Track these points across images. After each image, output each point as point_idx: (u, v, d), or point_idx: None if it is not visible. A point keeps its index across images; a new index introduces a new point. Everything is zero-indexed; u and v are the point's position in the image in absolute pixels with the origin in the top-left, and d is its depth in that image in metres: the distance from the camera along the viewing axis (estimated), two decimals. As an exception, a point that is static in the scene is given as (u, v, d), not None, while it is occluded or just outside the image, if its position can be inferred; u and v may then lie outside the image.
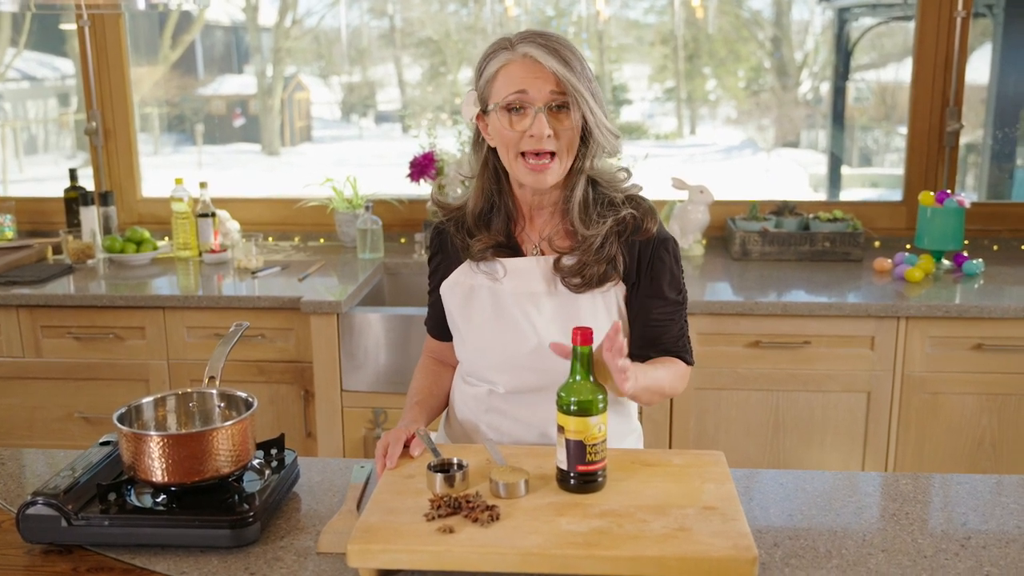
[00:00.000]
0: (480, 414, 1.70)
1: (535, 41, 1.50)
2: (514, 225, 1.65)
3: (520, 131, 1.51)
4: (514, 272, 1.61)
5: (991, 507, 1.48)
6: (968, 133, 3.44)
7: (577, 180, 1.57)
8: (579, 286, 1.58)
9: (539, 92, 1.50)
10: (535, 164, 1.52)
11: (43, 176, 5.23)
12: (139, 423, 1.48)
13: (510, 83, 1.51)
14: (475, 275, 1.64)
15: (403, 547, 1.26)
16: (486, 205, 1.64)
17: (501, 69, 1.52)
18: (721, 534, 1.28)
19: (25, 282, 2.95)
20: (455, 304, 1.66)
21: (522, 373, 1.62)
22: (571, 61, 1.50)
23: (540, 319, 1.59)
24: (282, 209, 3.54)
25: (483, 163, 1.62)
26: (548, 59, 1.48)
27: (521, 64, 1.50)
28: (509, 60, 1.52)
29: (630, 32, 5.13)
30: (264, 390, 2.85)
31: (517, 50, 1.51)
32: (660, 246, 1.62)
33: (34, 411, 2.97)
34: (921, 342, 2.67)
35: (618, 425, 1.71)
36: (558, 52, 1.49)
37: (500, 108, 1.52)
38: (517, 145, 1.52)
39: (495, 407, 1.68)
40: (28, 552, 1.36)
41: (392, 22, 5.07)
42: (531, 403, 1.64)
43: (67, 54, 4.82)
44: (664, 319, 1.63)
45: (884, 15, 4.64)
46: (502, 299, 1.61)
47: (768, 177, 5.68)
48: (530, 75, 1.50)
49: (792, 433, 2.76)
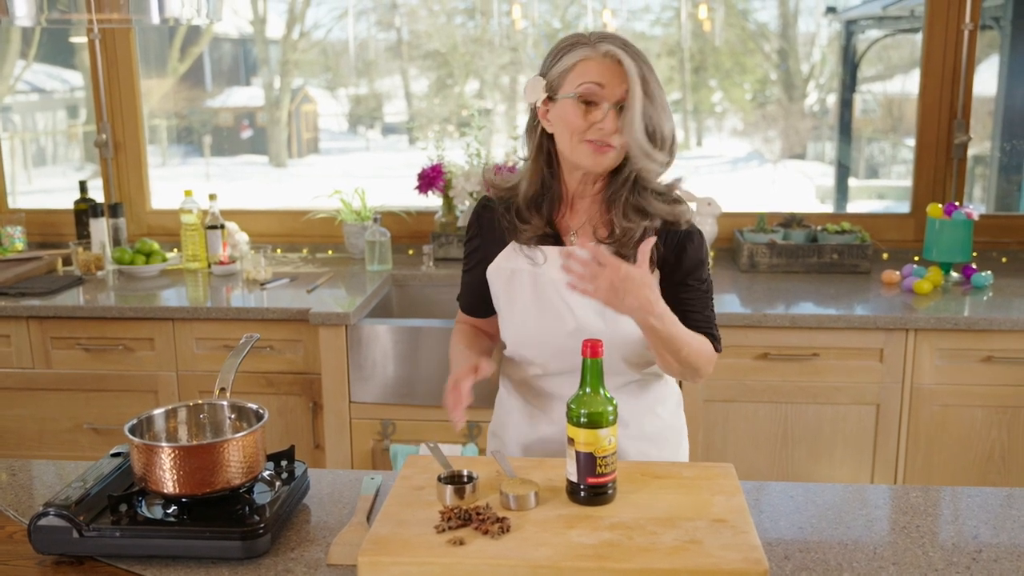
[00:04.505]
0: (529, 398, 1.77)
1: (615, 43, 1.60)
2: (556, 212, 1.72)
3: (590, 122, 1.59)
4: (554, 259, 1.68)
5: (1002, 520, 1.48)
6: (976, 145, 3.44)
7: (627, 176, 1.64)
8: None
9: (614, 90, 1.58)
10: (598, 146, 1.60)
11: (52, 188, 5.26)
12: (150, 434, 1.49)
13: (588, 76, 1.59)
14: (517, 259, 1.71)
15: (413, 559, 1.26)
16: (539, 189, 1.70)
17: (580, 62, 1.60)
18: (732, 547, 1.28)
19: (35, 293, 2.96)
20: (500, 287, 1.73)
21: (563, 355, 1.68)
22: (643, 66, 1.60)
23: (578, 303, 1.66)
24: (291, 221, 3.55)
25: (538, 147, 1.69)
26: (628, 61, 1.58)
27: (600, 62, 1.59)
28: (589, 56, 1.60)
29: (636, 44, 5.14)
30: (272, 402, 2.85)
31: (598, 48, 1.60)
32: (686, 237, 1.68)
33: (43, 422, 2.97)
34: (930, 354, 2.67)
35: (659, 390, 1.78)
36: (637, 56, 1.60)
37: (576, 98, 1.60)
38: (584, 133, 1.60)
39: (542, 390, 1.75)
40: (40, 563, 1.36)
41: (399, 34, 5.09)
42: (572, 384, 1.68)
43: (76, 66, 4.85)
44: (689, 307, 1.69)
45: (891, 27, 4.64)
46: (542, 284, 1.68)
47: (774, 189, 5.68)
48: (609, 72, 1.58)
49: (801, 445, 2.76)
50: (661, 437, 1.77)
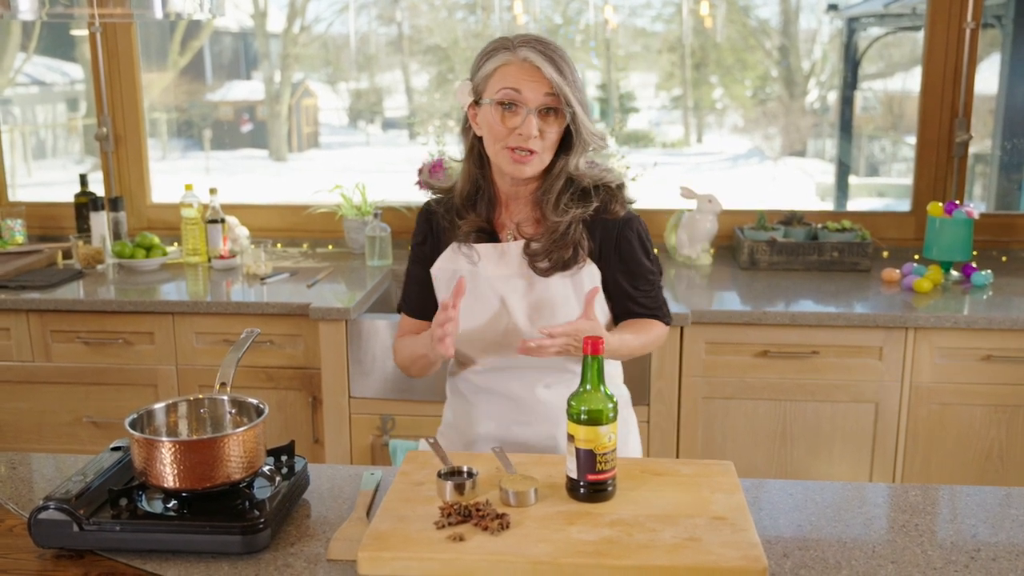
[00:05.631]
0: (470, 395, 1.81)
1: (535, 47, 1.61)
2: (494, 211, 1.76)
3: (510, 128, 1.62)
4: (488, 257, 1.72)
5: (1000, 519, 1.48)
6: (976, 143, 3.44)
7: (559, 177, 1.68)
8: (546, 269, 1.69)
9: (533, 95, 1.61)
10: (518, 156, 1.64)
11: (51, 180, 5.25)
12: (151, 429, 1.49)
13: (506, 82, 1.61)
14: (457, 259, 1.75)
15: (413, 555, 1.26)
16: (472, 188, 1.75)
17: (499, 68, 1.63)
18: (731, 544, 1.28)
19: (35, 287, 2.96)
20: (442, 287, 1.77)
21: (500, 351, 1.74)
22: (564, 70, 1.62)
23: (513, 300, 1.71)
24: (291, 215, 3.55)
25: (470, 149, 1.73)
26: (545, 66, 1.60)
27: (519, 67, 1.61)
28: (508, 61, 1.62)
29: (637, 40, 5.14)
30: (272, 396, 2.85)
31: (518, 53, 1.62)
32: (625, 226, 1.73)
33: (43, 415, 2.98)
34: (930, 353, 2.67)
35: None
36: (554, 60, 1.61)
37: (494, 103, 1.63)
38: (505, 139, 1.63)
39: (480, 387, 1.79)
40: (40, 557, 1.36)
41: (400, 29, 5.08)
42: (512, 379, 1.76)
43: (77, 59, 4.84)
44: (640, 293, 1.76)
45: (892, 25, 4.64)
46: (480, 282, 1.72)
47: (774, 186, 5.68)
48: (526, 78, 1.61)
49: (800, 443, 2.76)
50: None
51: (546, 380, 1.76)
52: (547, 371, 1.75)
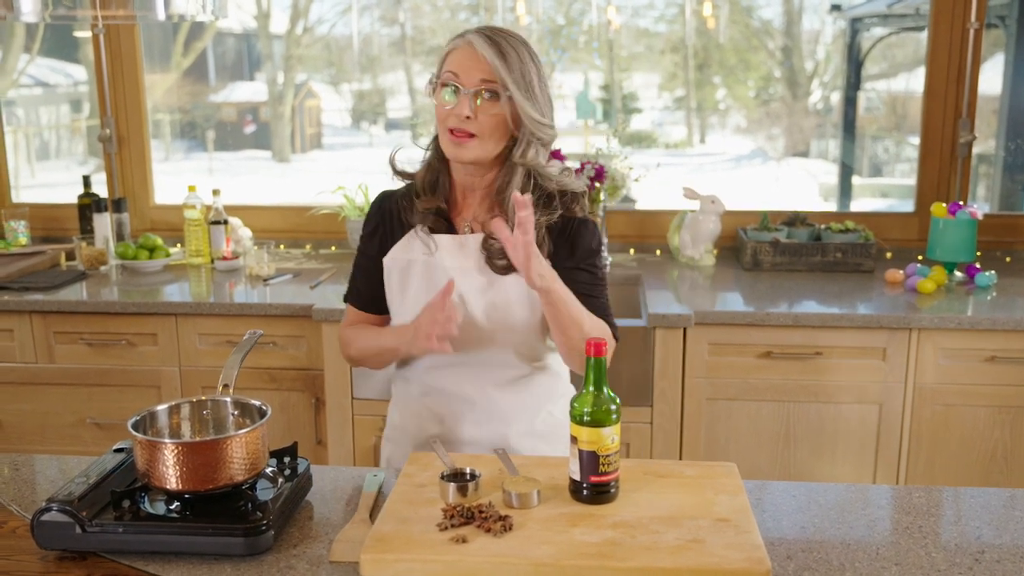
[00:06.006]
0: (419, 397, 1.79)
1: (484, 33, 1.64)
2: (451, 205, 1.76)
3: (448, 109, 1.64)
4: (446, 248, 1.72)
5: (1004, 521, 1.47)
6: (980, 144, 3.43)
7: (513, 171, 1.68)
8: (505, 268, 1.68)
9: (470, 78, 1.63)
10: (455, 137, 1.65)
11: (55, 182, 5.26)
12: (153, 430, 1.49)
13: (449, 65, 1.65)
14: (412, 249, 1.74)
15: (416, 557, 1.26)
16: (432, 177, 1.75)
17: (449, 53, 1.67)
18: (735, 546, 1.28)
19: (38, 288, 2.96)
20: (394, 278, 1.75)
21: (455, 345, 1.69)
22: (509, 56, 1.62)
23: (470, 294, 1.70)
24: (294, 217, 3.55)
25: (434, 137, 1.75)
26: (487, 50, 1.61)
27: (462, 51, 1.64)
28: (456, 46, 1.66)
29: (640, 40, 5.14)
30: (275, 397, 2.86)
31: (464, 37, 1.65)
32: (581, 224, 1.73)
33: (46, 417, 2.98)
34: (933, 354, 2.67)
35: (551, 387, 1.80)
36: (499, 46, 1.62)
37: (439, 86, 1.67)
38: (445, 121, 1.65)
39: (431, 385, 1.77)
40: (42, 558, 1.36)
41: (403, 30, 5.08)
42: (463, 376, 1.75)
43: (80, 61, 4.85)
44: (586, 290, 1.72)
45: (896, 25, 4.64)
46: (435, 274, 1.71)
47: (778, 186, 5.67)
48: (467, 61, 1.63)
49: (803, 444, 2.76)
50: (553, 435, 1.79)
51: (497, 379, 1.75)
52: (500, 369, 1.74)
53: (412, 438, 1.81)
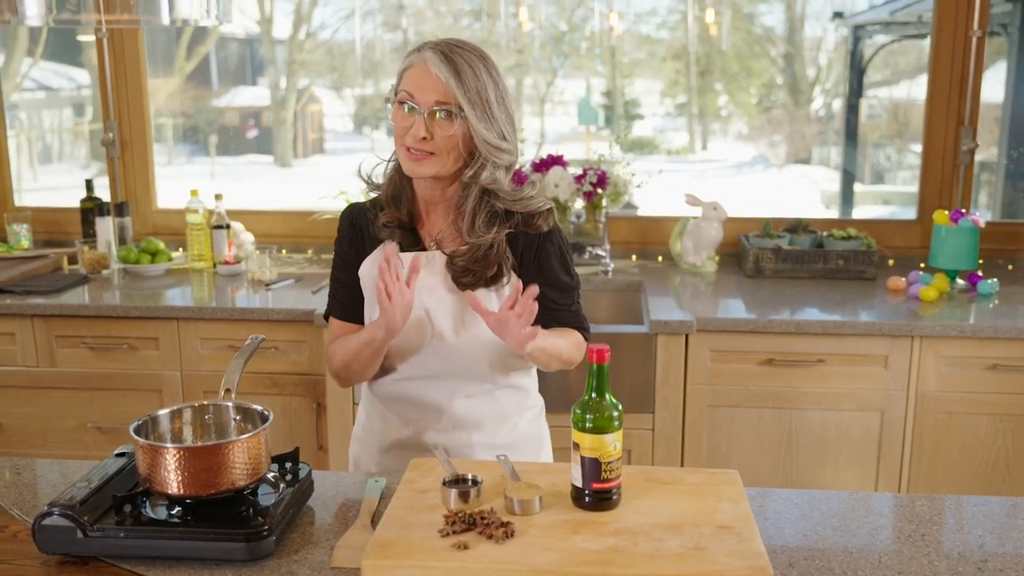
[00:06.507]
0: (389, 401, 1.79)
1: (438, 49, 1.61)
2: (416, 219, 1.76)
3: (404, 128, 1.63)
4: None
5: (1007, 530, 1.47)
6: (982, 151, 3.43)
7: (470, 190, 1.67)
8: (470, 284, 1.69)
9: (425, 98, 1.61)
10: (412, 155, 1.64)
11: (58, 186, 5.26)
12: (155, 435, 1.49)
13: (406, 84, 1.63)
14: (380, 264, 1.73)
15: (417, 563, 1.26)
16: (396, 191, 1.75)
17: (405, 70, 1.65)
18: (737, 554, 1.27)
19: (40, 292, 2.96)
20: (370, 289, 1.75)
21: (422, 360, 1.72)
22: (464, 74, 1.60)
23: (437, 311, 1.70)
24: (296, 221, 3.55)
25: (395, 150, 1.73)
26: (441, 68, 1.59)
27: (417, 69, 1.62)
28: (412, 63, 1.63)
29: (643, 47, 5.14)
30: (277, 402, 2.85)
31: (421, 55, 1.62)
32: (545, 238, 1.73)
33: (48, 421, 2.98)
34: (935, 362, 2.66)
35: (518, 401, 1.81)
36: (453, 63, 1.60)
37: (395, 103, 1.65)
38: (403, 139, 1.64)
39: (400, 395, 1.77)
40: (44, 563, 1.36)
41: (406, 35, 5.08)
42: (432, 387, 1.75)
43: (83, 64, 4.85)
44: (558, 305, 1.74)
45: (898, 33, 4.64)
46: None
47: (779, 193, 5.67)
48: (421, 80, 1.61)
49: (805, 452, 2.75)
50: (516, 446, 1.80)
51: (467, 390, 1.75)
52: (469, 382, 1.75)
53: (378, 441, 1.83)
